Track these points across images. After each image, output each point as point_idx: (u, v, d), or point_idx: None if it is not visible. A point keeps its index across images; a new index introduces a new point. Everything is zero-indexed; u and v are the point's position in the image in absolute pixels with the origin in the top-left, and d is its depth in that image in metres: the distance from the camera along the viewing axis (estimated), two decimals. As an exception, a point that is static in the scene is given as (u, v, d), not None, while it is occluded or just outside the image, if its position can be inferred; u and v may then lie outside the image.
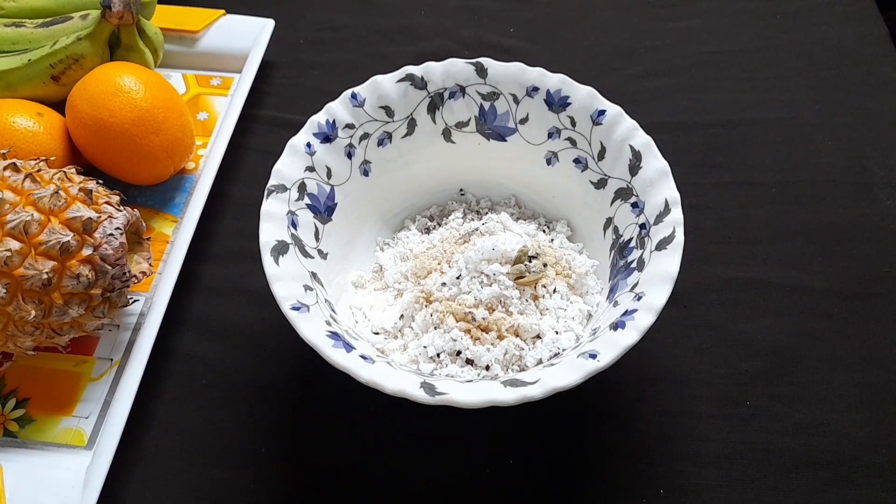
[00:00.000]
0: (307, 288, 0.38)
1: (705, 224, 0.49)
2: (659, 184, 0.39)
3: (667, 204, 0.38)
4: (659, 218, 0.38)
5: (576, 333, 0.39)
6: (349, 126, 0.44)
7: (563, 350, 0.38)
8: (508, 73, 0.44)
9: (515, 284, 0.40)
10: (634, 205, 0.40)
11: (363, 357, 0.36)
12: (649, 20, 0.62)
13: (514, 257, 0.40)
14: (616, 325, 0.35)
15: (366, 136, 0.45)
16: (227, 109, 0.54)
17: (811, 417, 0.41)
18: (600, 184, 0.43)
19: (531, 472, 0.40)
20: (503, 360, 0.39)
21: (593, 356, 0.34)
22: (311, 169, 0.42)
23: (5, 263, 0.36)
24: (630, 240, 0.40)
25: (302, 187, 0.42)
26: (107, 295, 0.40)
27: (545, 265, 0.41)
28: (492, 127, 0.46)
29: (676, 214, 0.37)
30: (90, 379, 0.43)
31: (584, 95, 0.43)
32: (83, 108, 0.46)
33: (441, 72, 0.45)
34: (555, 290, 0.41)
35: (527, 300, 0.40)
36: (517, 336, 0.39)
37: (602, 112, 0.42)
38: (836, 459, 0.39)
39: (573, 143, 0.44)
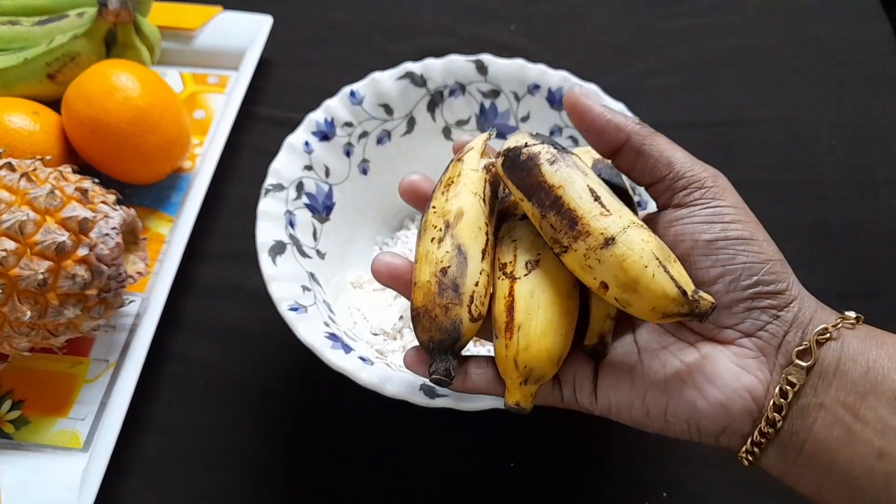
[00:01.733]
0: (305, 288, 0.38)
1: (708, 223, 0.49)
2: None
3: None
4: (661, 217, 0.38)
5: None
6: (348, 124, 0.43)
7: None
8: (509, 70, 0.44)
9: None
10: (637, 203, 0.40)
11: (362, 359, 0.35)
12: (651, 18, 0.62)
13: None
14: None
15: (365, 134, 0.44)
16: (224, 107, 0.53)
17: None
18: (602, 183, 0.42)
19: (532, 475, 0.39)
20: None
21: (595, 358, 0.34)
22: (309, 168, 0.42)
23: (0, 264, 0.36)
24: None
25: (300, 186, 0.41)
26: (103, 295, 0.39)
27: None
28: (493, 125, 0.45)
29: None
30: (86, 380, 0.42)
31: (585, 93, 0.42)
32: (79, 106, 0.45)
33: (441, 69, 0.44)
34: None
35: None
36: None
37: (604, 110, 0.42)
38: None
39: (575, 141, 0.43)
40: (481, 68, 0.44)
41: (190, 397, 0.42)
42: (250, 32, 0.57)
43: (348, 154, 0.44)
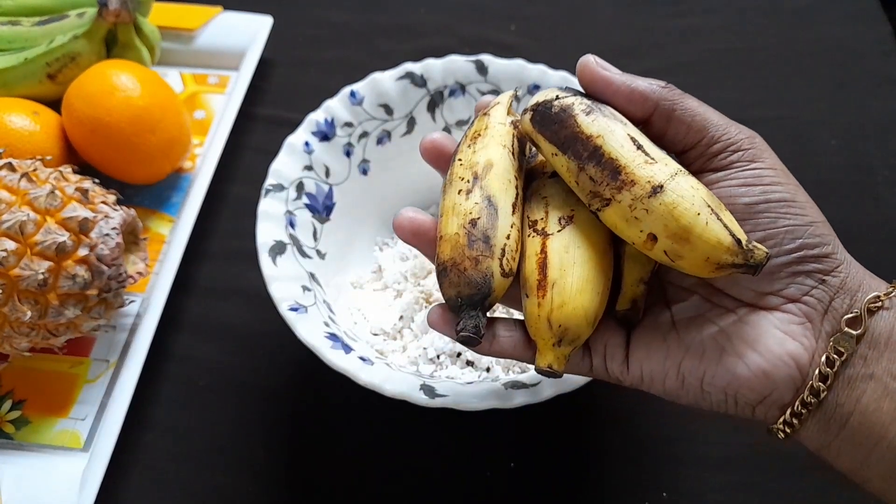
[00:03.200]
0: (305, 289, 0.38)
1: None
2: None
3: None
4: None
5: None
6: (348, 124, 0.43)
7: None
8: (509, 70, 0.44)
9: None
10: None
11: (362, 359, 0.35)
12: (652, 17, 0.62)
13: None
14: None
15: (365, 134, 0.44)
16: (224, 108, 0.53)
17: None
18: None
19: (532, 476, 0.39)
20: (504, 362, 0.39)
21: (595, 358, 0.33)
22: (309, 168, 0.42)
23: (1, 264, 0.36)
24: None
25: (300, 186, 0.41)
26: (103, 296, 0.39)
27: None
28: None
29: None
30: (86, 380, 0.42)
31: (585, 93, 0.42)
32: (79, 106, 0.45)
33: (441, 69, 0.44)
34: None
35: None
36: (518, 337, 0.39)
37: (604, 110, 0.42)
38: (840, 462, 0.39)
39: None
40: (481, 68, 0.44)
41: (190, 397, 0.42)
42: (250, 32, 0.57)
43: (348, 154, 0.44)
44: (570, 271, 0.26)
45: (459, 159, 0.28)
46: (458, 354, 0.39)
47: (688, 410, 0.41)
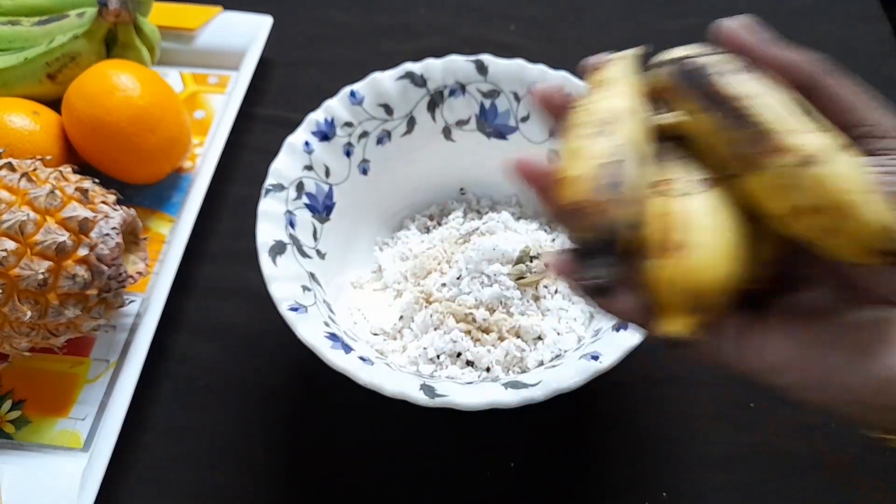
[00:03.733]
0: (305, 288, 0.38)
1: (708, 223, 0.49)
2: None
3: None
4: (662, 217, 0.38)
5: (577, 335, 0.39)
6: (348, 124, 0.43)
7: (565, 351, 0.38)
8: (509, 70, 0.44)
9: (517, 285, 0.39)
10: None
11: (362, 359, 0.35)
12: (651, 17, 0.62)
13: (515, 257, 0.40)
14: (619, 327, 0.35)
15: (365, 134, 0.44)
16: (224, 108, 0.53)
17: (816, 419, 0.40)
18: (602, 183, 0.42)
19: (532, 476, 0.39)
20: (504, 362, 0.39)
21: (595, 357, 0.34)
22: (309, 168, 0.42)
23: (1, 264, 0.36)
24: (633, 239, 0.39)
25: (300, 186, 0.41)
26: (103, 295, 0.39)
27: (547, 265, 0.40)
28: (493, 125, 0.45)
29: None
30: (86, 380, 0.42)
31: (585, 93, 0.42)
32: (79, 106, 0.45)
33: (441, 69, 0.44)
34: (556, 291, 0.40)
35: (528, 301, 0.40)
36: (518, 337, 0.39)
37: (604, 110, 0.42)
38: (841, 461, 0.39)
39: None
40: (481, 68, 0.44)
41: (190, 397, 0.42)
42: (250, 32, 0.57)
43: (348, 154, 0.44)
44: (710, 236, 0.24)
45: (584, 106, 0.26)
46: (458, 354, 0.39)
47: (688, 410, 0.41)
